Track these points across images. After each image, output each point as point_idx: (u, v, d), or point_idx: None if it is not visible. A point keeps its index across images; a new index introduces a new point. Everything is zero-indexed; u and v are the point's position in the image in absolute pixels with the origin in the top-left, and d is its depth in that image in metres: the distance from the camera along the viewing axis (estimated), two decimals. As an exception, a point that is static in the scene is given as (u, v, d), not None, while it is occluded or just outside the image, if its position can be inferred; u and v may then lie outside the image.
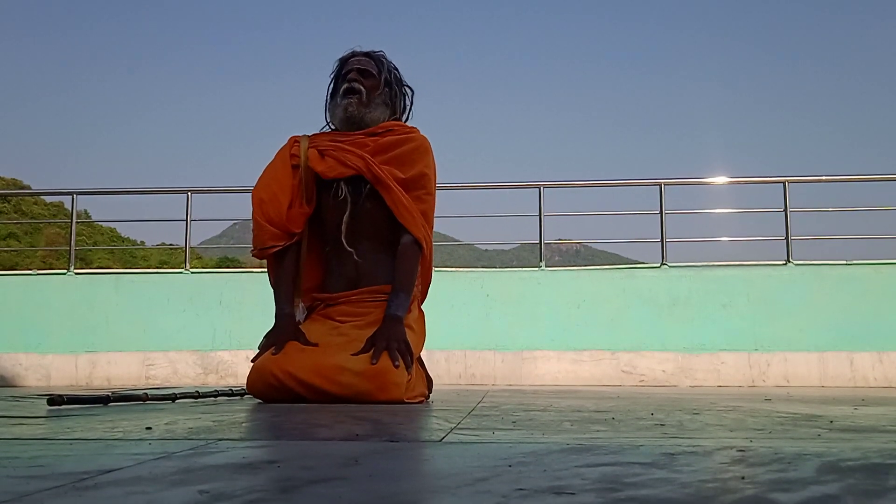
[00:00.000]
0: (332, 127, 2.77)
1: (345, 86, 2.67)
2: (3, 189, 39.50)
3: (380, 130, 2.65)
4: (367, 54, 2.74)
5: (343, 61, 2.74)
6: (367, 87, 2.68)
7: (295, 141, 2.69)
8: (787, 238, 5.79)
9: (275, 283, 2.65)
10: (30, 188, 45.26)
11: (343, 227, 2.61)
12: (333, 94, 2.74)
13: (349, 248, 2.61)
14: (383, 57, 2.76)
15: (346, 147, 2.60)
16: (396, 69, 2.79)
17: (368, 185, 2.58)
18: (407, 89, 2.82)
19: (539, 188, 6.05)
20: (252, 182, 2.71)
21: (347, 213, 2.60)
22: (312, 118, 2.78)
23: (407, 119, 2.82)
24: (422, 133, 2.72)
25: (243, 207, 2.66)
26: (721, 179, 6.37)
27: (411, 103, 2.83)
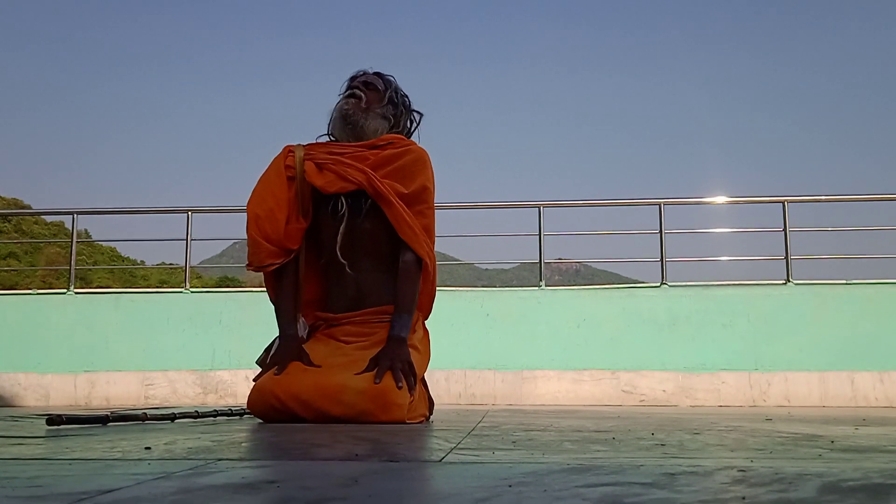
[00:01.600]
0: (331, 137, 2.72)
1: (349, 91, 2.66)
2: (4, 209, 39.56)
3: (381, 143, 2.60)
4: (377, 73, 2.73)
5: (351, 78, 2.72)
6: (369, 97, 2.65)
7: (289, 151, 2.62)
8: (786, 258, 5.79)
9: (276, 302, 2.63)
10: (30, 208, 45.31)
11: (339, 238, 2.55)
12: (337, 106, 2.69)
13: (342, 261, 2.55)
14: (392, 79, 2.74)
15: (346, 160, 2.54)
16: (406, 95, 2.76)
17: (370, 201, 2.54)
18: (415, 115, 2.79)
19: (539, 207, 6.07)
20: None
21: (344, 224, 2.55)
22: (315, 134, 2.74)
23: (410, 137, 2.78)
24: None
25: (243, 227, 2.63)
26: (720, 199, 6.38)
27: (418, 124, 2.79)
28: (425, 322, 2.75)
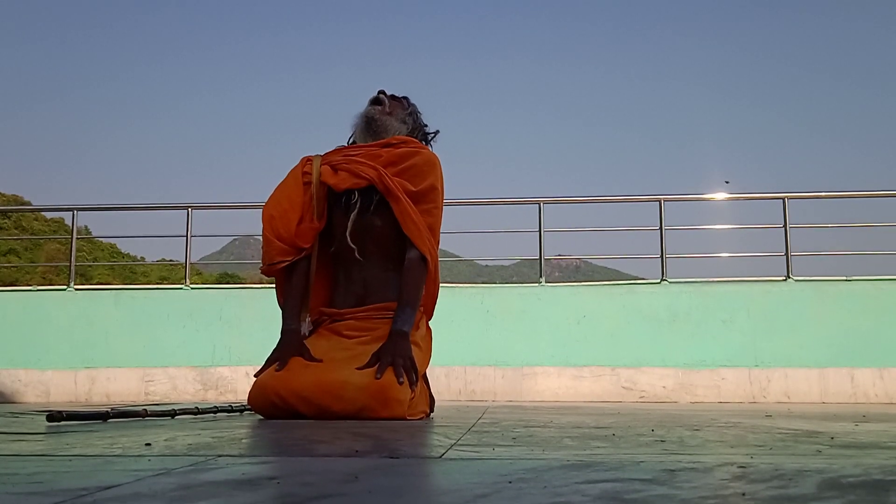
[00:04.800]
0: (350, 140, 2.83)
1: (373, 97, 2.80)
2: (4, 205, 39.50)
3: (394, 141, 2.69)
4: (403, 97, 2.89)
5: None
6: (392, 104, 2.80)
7: (307, 160, 2.73)
8: (786, 254, 5.79)
9: (282, 298, 2.66)
10: (30, 204, 45.25)
11: (349, 224, 2.60)
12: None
13: (352, 245, 2.59)
14: (414, 103, 2.90)
15: (359, 159, 2.63)
16: (426, 124, 2.91)
17: (379, 196, 2.60)
18: (430, 133, 2.92)
19: (539, 204, 6.06)
20: (252, 196, 2.73)
21: (355, 213, 2.61)
22: (318, 134, 2.82)
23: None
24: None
25: (243, 223, 2.69)
26: (721, 195, 6.37)
27: (434, 137, 2.92)
28: (428, 321, 2.77)
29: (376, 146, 2.68)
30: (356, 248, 2.60)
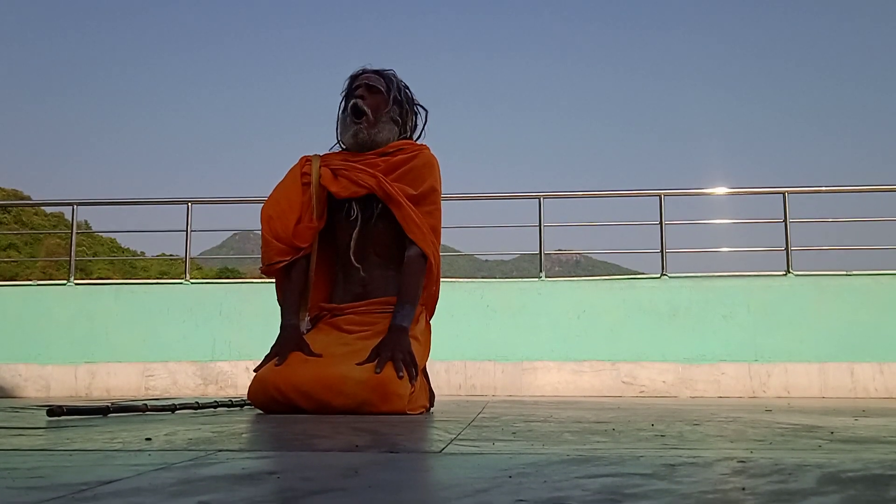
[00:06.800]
0: (342, 146, 2.77)
1: (352, 102, 2.65)
2: (4, 200, 39.52)
3: (391, 150, 2.67)
4: (377, 72, 2.73)
5: (353, 78, 2.74)
6: (375, 104, 2.67)
7: (306, 160, 2.72)
8: (787, 249, 5.79)
9: (281, 296, 2.66)
10: (30, 199, 45.27)
11: (352, 243, 2.63)
12: (343, 112, 2.73)
13: (357, 265, 2.63)
14: (393, 75, 2.75)
15: (359, 167, 2.63)
16: (408, 88, 2.79)
17: (380, 204, 2.61)
18: (420, 109, 2.83)
19: (539, 199, 6.05)
20: (252, 191, 2.72)
21: (357, 229, 2.63)
22: (317, 129, 2.80)
23: (419, 138, 2.82)
24: (431, 150, 2.75)
25: (243, 218, 2.69)
26: (721, 190, 6.37)
27: (425, 122, 2.84)
28: (430, 319, 2.78)
29: (374, 155, 2.67)
30: (361, 268, 2.63)
